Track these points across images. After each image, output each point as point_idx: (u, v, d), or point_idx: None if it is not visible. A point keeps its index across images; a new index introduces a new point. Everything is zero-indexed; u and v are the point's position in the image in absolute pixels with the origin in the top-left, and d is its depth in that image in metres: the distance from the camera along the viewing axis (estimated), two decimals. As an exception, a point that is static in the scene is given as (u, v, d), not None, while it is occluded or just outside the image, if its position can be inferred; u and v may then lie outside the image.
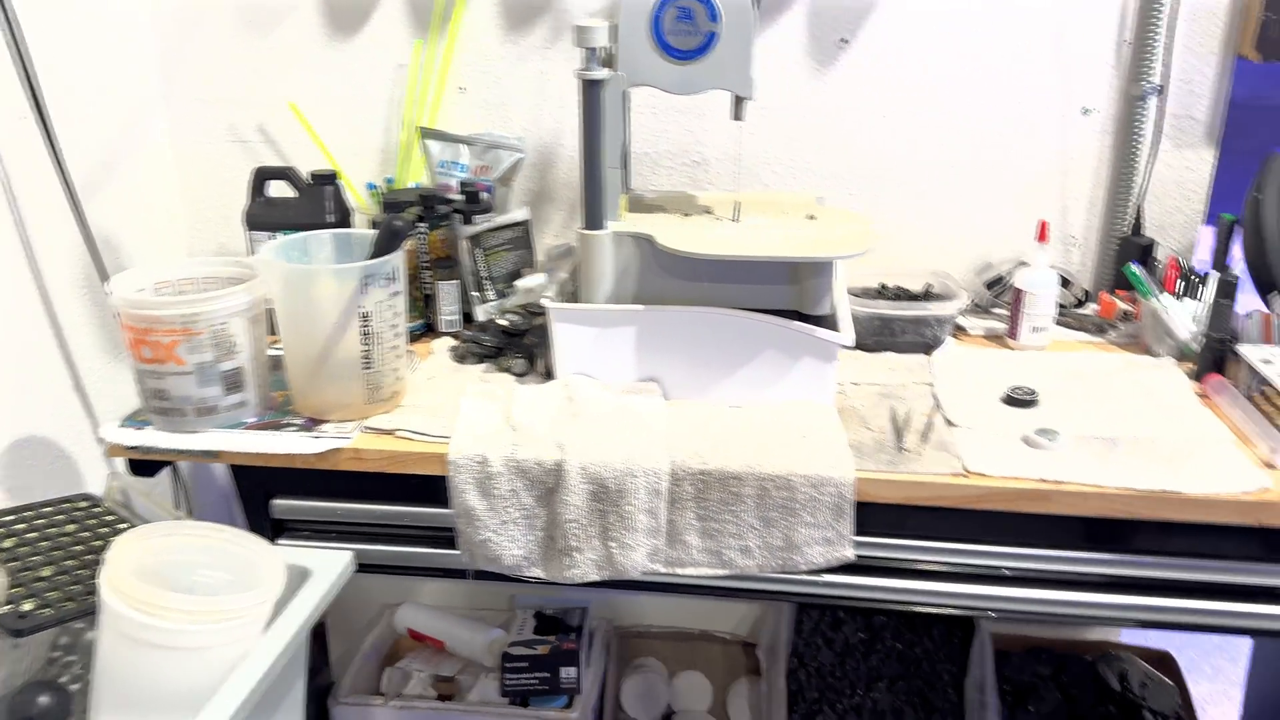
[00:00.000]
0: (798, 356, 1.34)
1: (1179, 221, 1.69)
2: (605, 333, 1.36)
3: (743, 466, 1.23)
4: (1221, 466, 1.20)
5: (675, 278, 1.37)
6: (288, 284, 1.25)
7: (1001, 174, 1.69)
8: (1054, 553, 1.26)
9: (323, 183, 1.57)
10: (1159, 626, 1.29)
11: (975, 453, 1.23)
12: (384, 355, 1.29)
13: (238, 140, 1.82)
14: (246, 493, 1.36)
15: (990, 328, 1.61)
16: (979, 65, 1.64)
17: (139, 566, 0.95)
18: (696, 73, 1.32)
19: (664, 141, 1.75)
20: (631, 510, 1.23)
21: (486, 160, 1.71)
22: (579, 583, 1.26)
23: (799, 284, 1.36)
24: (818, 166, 1.73)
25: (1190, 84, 1.62)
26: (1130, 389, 1.39)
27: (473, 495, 1.25)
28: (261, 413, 1.34)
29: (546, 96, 1.74)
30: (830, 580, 1.30)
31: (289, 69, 1.76)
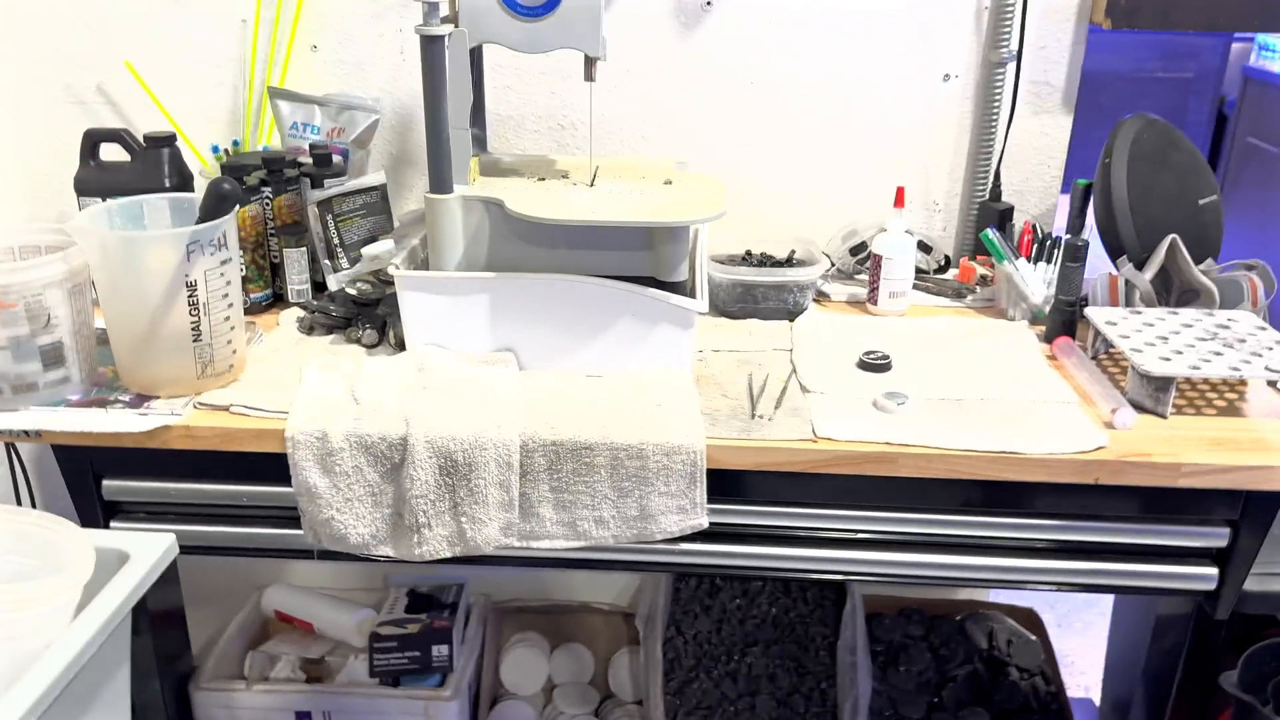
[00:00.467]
0: (654, 323, 1.31)
1: (1037, 187, 1.72)
2: (457, 301, 1.32)
3: (595, 436, 1.20)
4: (1063, 426, 1.22)
5: (529, 244, 1.34)
6: (107, 252, 1.17)
7: (866, 140, 1.70)
8: (915, 515, 1.27)
9: (159, 145, 1.48)
10: (1016, 586, 1.31)
11: (825, 417, 1.23)
12: (216, 327, 1.23)
13: (76, 101, 1.71)
14: (71, 474, 1.28)
15: (853, 293, 1.61)
16: (843, 30, 1.63)
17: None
18: (544, 30, 1.27)
19: (528, 104, 1.70)
20: (482, 484, 1.20)
21: (341, 122, 1.64)
22: (430, 560, 1.23)
23: (655, 250, 1.34)
24: (684, 131, 1.71)
25: (1046, 50, 1.64)
26: (982, 352, 1.41)
27: (314, 473, 1.20)
28: (88, 389, 1.26)
29: (406, 55, 1.67)
30: (692, 548, 1.29)
31: (128, 24, 1.65)
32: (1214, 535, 1.25)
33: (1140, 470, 1.17)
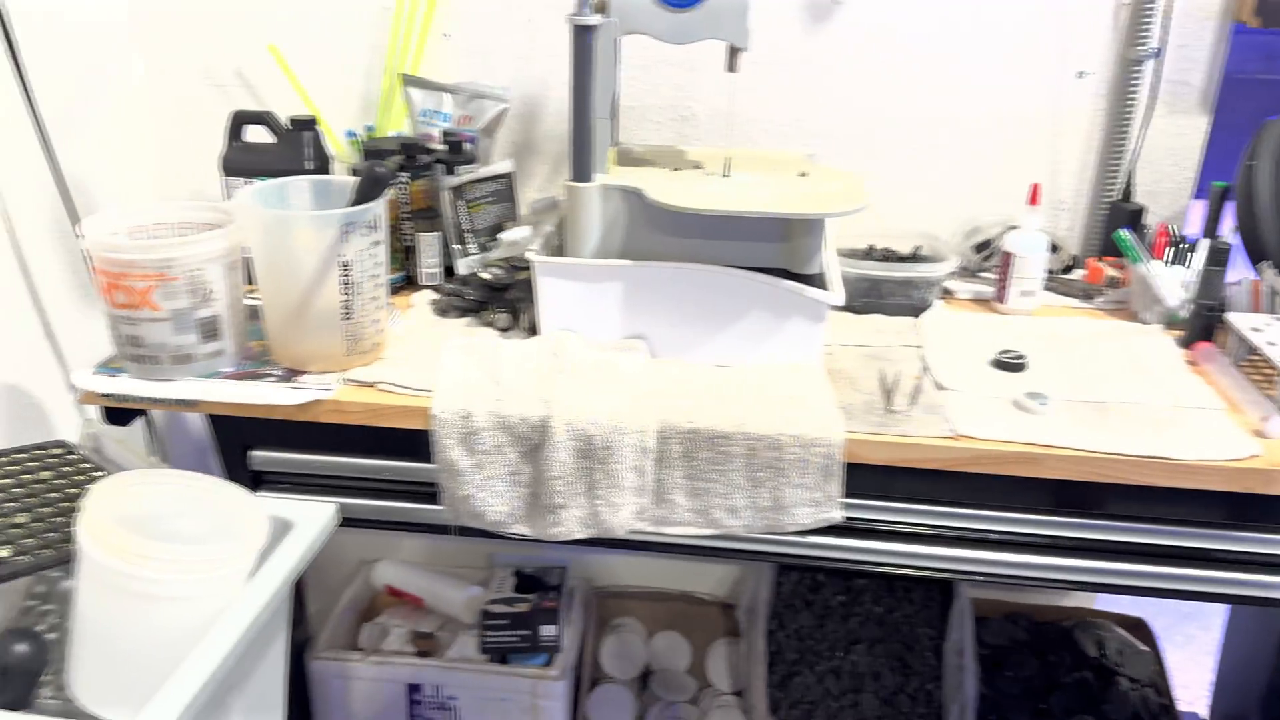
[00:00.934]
0: (786, 316, 1.32)
1: (1169, 188, 1.68)
2: (591, 288, 1.34)
3: (731, 426, 1.21)
4: (1211, 433, 1.20)
5: (663, 233, 1.35)
6: (266, 230, 1.21)
7: (993, 136, 1.68)
8: (1037, 517, 1.26)
9: (302, 128, 1.52)
10: (1139, 593, 1.29)
11: (965, 415, 1.22)
12: (364, 306, 1.26)
13: (213, 84, 1.76)
14: (224, 443, 1.33)
15: (978, 291, 1.60)
16: (976, 25, 1.61)
17: (118, 514, 0.92)
18: (692, 21, 1.28)
19: (652, 95, 1.71)
20: (618, 468, 1.22)
21: (470, 110, 1.67)
22: (564, 540, 1.25)
23: (789, 242, 1.34)
24: (809, 124, 1.70)
25: (1187, 49, 1.61)
26: (1119, 355, 1.39)
27: (456, 450, 1.23)
28: (239, 362, 1.30)
29: (535, 45, 1.70)
30: (815, 541, 1.29)
31: (267, 10, 1.70)
32: (1366, 550, 1.21)
33: (1295, 480, 1.14)
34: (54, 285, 1.56)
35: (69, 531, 1.00)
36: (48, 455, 1.12)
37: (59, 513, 1.03)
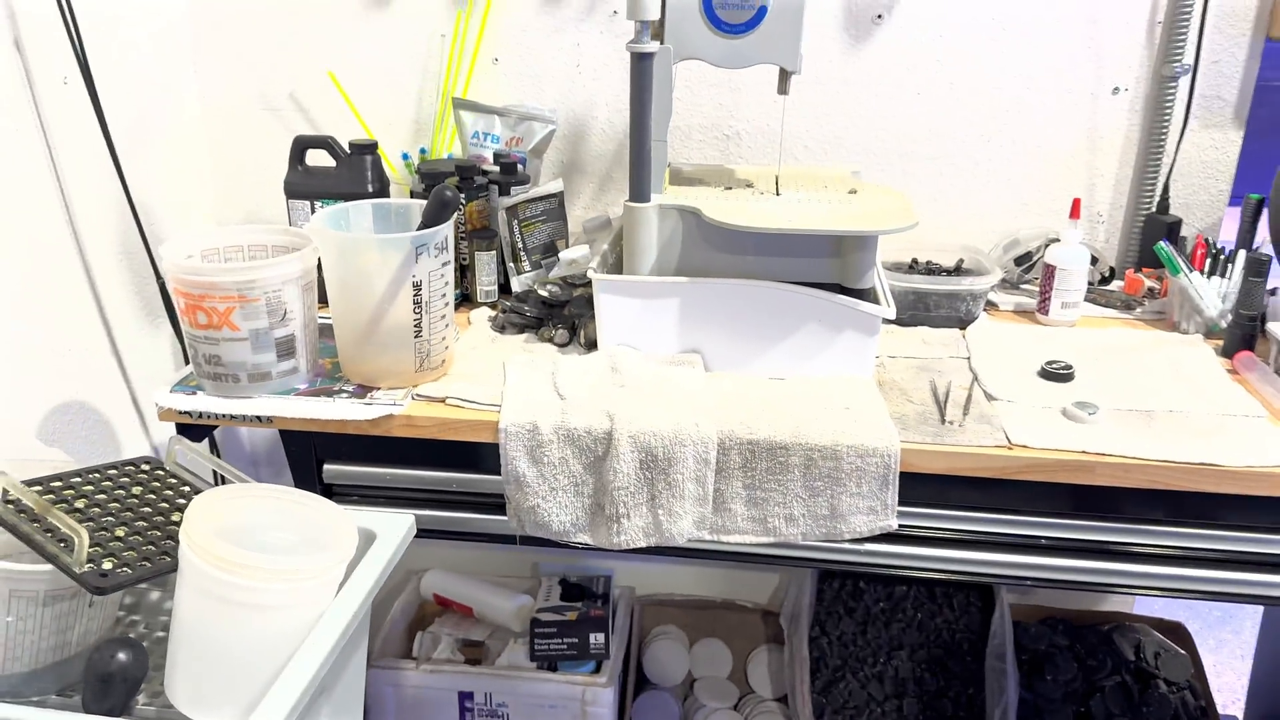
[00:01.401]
0: (840, 329, 1.36)
1: (1204, 200, 1.72)
2: (649, 304, 1.38)
3: (790, 436, 1.25)
4: (1257, 440, 1.23)
5: (718, 250, 1.39)
6: (341, 253, 1.26)
7: (1031, 151, 1.72)
8: (1076, 522, 1.29)
9: (363, 152, 1.57)
10: (1176, 595, 1.32)
11: (1017, 425, 1.26)
12: (434, 324, 1.31)
13: (269, 108, 1.82)
14: (296, 458, 1.37)
15: (1020, 303, 1.63)
16: (1013, 43, 1.66)
17: (215, 526, 0.97)
18: (745, 46, 1.33)
19: (697, 115, 1.76)
20: (680, 478, 1.26)
21: (519, 132, 1.72)
22: (627, 549, 1.29)
23: (841, 258, 1.38)
24: (850, 141, 1.75)
25: (1220, 65, 1.64)
26: (1162, 364, 1.43)
27: (523, 462, 1.27)
28: (312, 379, 1.35)
29: (580, 69, 1.75)
30: (865, 549, 1.33)
31: (322, 37, 1.76)
32: None
33: (1341, 486, 1.17)
34: (121, 305, 1.61)
35: (164, 544, 1.05)
36: (137, 471, 1.17)
37: (152, 526, 1.08)
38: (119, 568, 0.99)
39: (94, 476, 1.12)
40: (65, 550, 0.97)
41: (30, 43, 1.38)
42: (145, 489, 1.14)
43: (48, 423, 1.46)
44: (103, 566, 0.97)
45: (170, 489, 1.16)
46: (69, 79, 1.45)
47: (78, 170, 1.48)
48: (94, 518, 1.05)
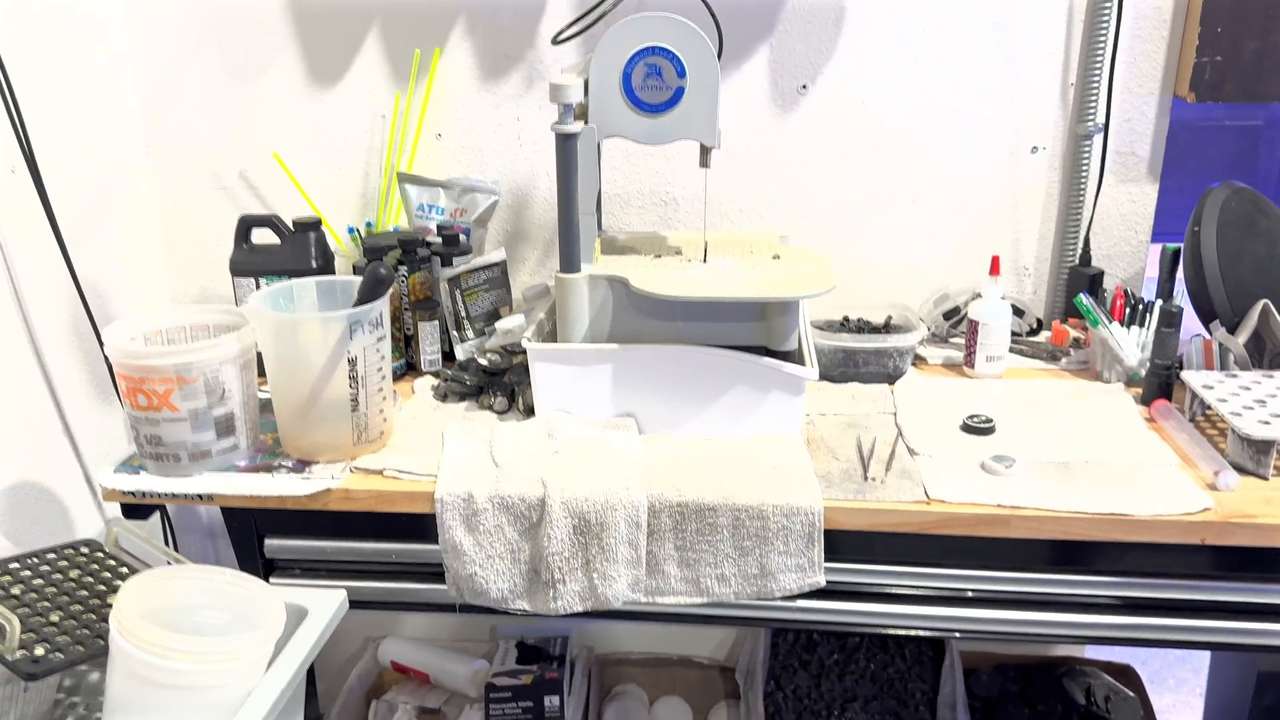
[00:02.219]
0: (767, 390, 1.40)
1: (1125, 251, 1.78)
2: (583, 371, 1.42)
3: (718, 498, 1.29)
4: (1168, 488, 1.27)
5: (649, 317, 1.44)
6: (277, 332, 1.30)
7: (957, 209, 1.78)
8: (1016, 574, 1.33)
9: (306, 230, 1.62)
10: (1118, 643, 1.36)
11: (936, 480, 1.30)
12: (371, 398, 1.35)
13: (220, 187, 1.87)
14: (238, 534, 1.40)
15: (949, 357, 1.68)
16: (934, 107, 1.73)
17: (146, 609, 0.99)
18: (666, 124, 1.39)
19: (635, 182, 1.82)
20: (613, 542, 1.29)
21: (463, 203, 1.77)
22: (564, 614, 1.31)
23: (766, 321, 1.43)
24: (782, 204, 1.81)
25: (1131, 122, 1.72)
26: (1082, 415, 1.47)
27: (459, 531, 1.30)
28: (253, 455, 1.38)
29: (521, 141, 1.80)
30: (804, 605, 1.36)
31: (271, 117, 1.81)
32: (1321, 593, 1.28)
33: (1245, 531, 1.21)
34: (72, 387, 1.64)
35: (99, 627, 1.07)
36: (76, 554, 1.19)
37: (88, 610, 1.10)
38: (51, 653, 1.01)
39: (32, 561, 1.15)
40: (-2, 637, 0.99)
41: (-23, 136, 1.43)
42: (84, 572, 1.16)
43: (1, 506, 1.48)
44: (35, 652, 0.99)
45: (109, 571, 1.18)
46: (16, 169, 1.49)
47: (26, 255, 1.52)
48: (29, 603, 1.07)
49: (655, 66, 1.35)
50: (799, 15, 1.70)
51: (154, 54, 1.78)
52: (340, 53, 1.76)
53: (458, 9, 1.73)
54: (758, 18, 1.70)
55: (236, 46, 1.77)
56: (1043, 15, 1.67)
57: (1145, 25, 1.66)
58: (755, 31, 1.71)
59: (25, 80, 1.50)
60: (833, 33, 1.71)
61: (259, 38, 1.76)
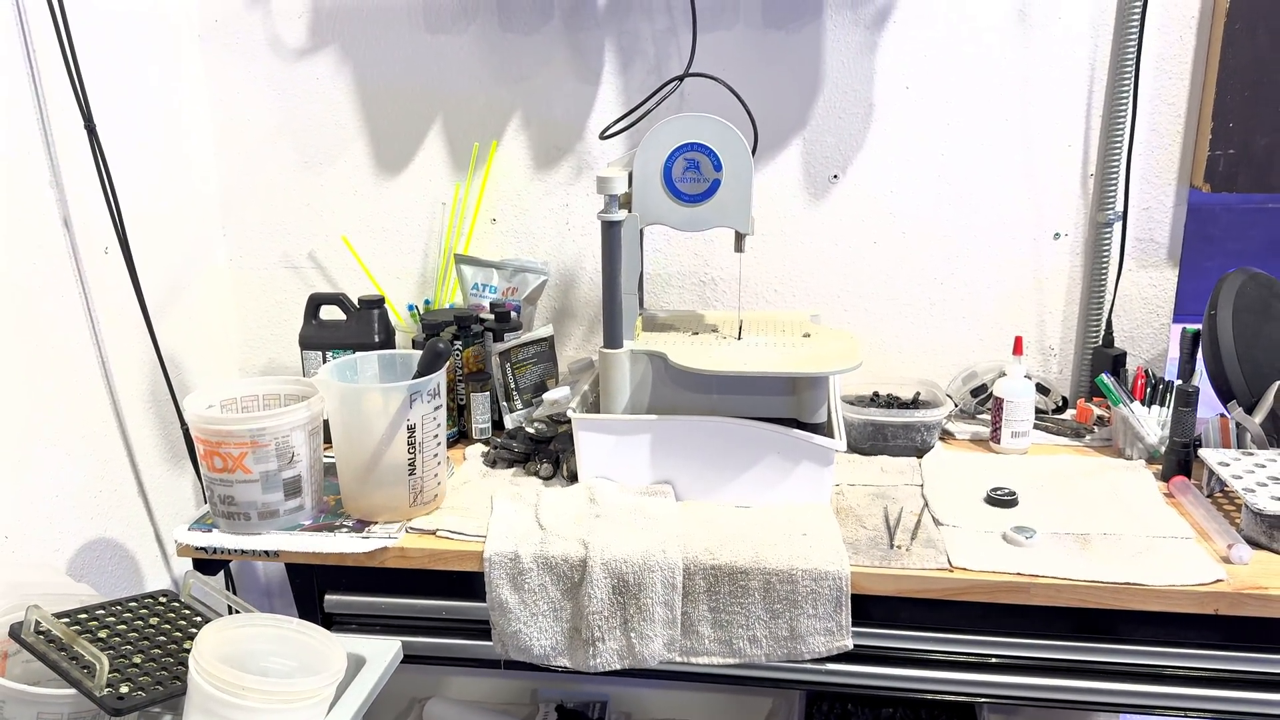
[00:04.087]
0: (797, 460, 1.48)
1: (1147, 333, 1.85)
2: (623, 440, 1.51)
3: (750, 561, 1.36)
4: (1183, 560, 1.32)
5: (686, 390, 1.53)
6: (344, 401, 1.41)
7: (983, 291, 1.86)
8: (1038, 641, 1.38)
9: (371, 307, 1.74)
10: (1138, 710, 1.39)
11: (959, 549, 1.36)
12: (427, 462, 1.45)
13: (289, 266, 2.01)
14: (300, 589, 1.49)
15: (976, 432, 1.75)
16: (960, 196, 1.83)
17: (221, 653, 1.09)
18: (703, 213, 1.50)
19: (675, 264, 1.93)
20: (649, 602, 1.36)
21: (514, 282, 1.89)
22: (602, 671, 1.39)
23: (797, 395, 1.52)
24: (814, 286, 1.90)
25: (1150, 210, 1.80)
26: (1102, 489, 1.53)
27: (506, 589, 1.39)
28: (316, 515, 1.48)
29: (570, 226, 1.93)
30: (833, 668, 1.41)
31: (340, 203, 1.96)
32: (1335, 666, 1.32)
33: (1257, 602, 1.26)
34: (149, 450, 1.77)
35: (177, 669, 1.17)
36: (155, 603, 1.29)
37: (167, 654, 1.20)
38: (134, 691, 1.10)
39: (116, 609, 1.25)
40: (88, 676, 1.09)
41: (77, 219, 1.58)
42: (162, 620, 1.26)
43: (78, 558, 1.59)
44: (120, 690, 1.09)
45: (184, 619, 1.28)
46: (109, 249, 1.64)
47: (114, 328, 1.66)
48: (114, 646, 1.17)
49: (694, 161, 1.47)
50: (830, 110, 1.82)
51: (234, 145, 1.95)
52: (404, 145, 1.92)
53: (514, 105, 1.87)
54: (792, 113, 1.82)
55: (310, 139, 1.93)
56: (1062, 108, 1.77)
57: (1161, 120, 1.76)
58: (789, 126, 1.83)
59: (120, 169, 1.66)
60: (862, 127, 1.82)
61: (330, 130, 1.92)
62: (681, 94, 1.82)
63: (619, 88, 1.84)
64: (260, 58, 1.91)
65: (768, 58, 1.80)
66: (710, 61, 1.77)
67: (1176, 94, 1.74)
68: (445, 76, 1.87)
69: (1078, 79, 1.75)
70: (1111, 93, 1.74)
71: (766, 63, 1.80)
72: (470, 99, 1.88)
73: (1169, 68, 1.73)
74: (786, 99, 1.82)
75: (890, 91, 1.80)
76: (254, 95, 1.92)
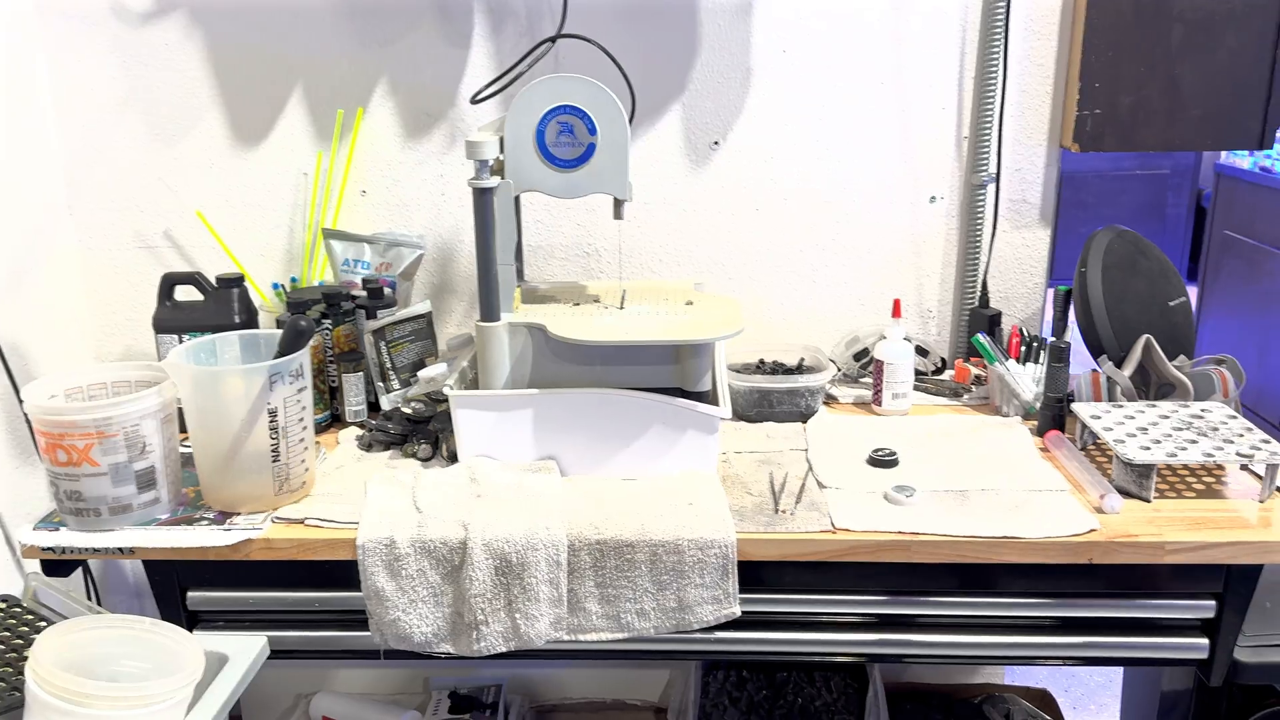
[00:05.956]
0: (682, 430, 1.46)
1: (1021, 293, 1.89)
2: (504, 416, 1.46)
3: (635, 534, 1.33)
4: (1058, 512, 1.35)
5: (568, 362, 1.49)
6: (197, 385, 1.32)
7: (863, 256, 1.87)
8: (923, 598, 1.39)
9: (229, 286, 1.64)
10: (1022, 662, 1.43)
11: (842, 510, 1.36)
12: (292, 448, 1.37)
13: (144, 246, 1.89)
14: (160, 587, 1.40)
15: (859, 395, 1.76)
16: (839, 161, 1.82)
17: (63, 659, 1.00)
18: (579, 179, 1.45)
19: (558, 235, 1.88)
20: (534, 581, 1.32)
21: (388, 257, 1.81)
22: (487, 655, 1.34)
23: (681, 364, 1.49)
24: (698, 254, 1.88)
25: (1022, 172, 1.83)
26: (981, 446, 1.55)
27: (381, 577, 1.33)
28: (174, 508, 1.39)
29: (446, 197, 1.86)
30: (722, 636, 1.40)
31: (195, 177, 1.84)
32: (1201, 607, 1.36)
33: (1129, 550, 1.29)
34: (-8, 445, 1.63)
35: (15, 680, 1.07)
36: (-8, 609, 1.20)
37: (5, 664, 1.10)
38: (-34, 707, 1.01)
39: (-54, 618, 1.15)
40: (-90, 693, 0.99)
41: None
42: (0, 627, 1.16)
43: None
44: (-53, 706, 1.00)
45: (26, 625, 1.18)
46: (-64, 230, 1.51)
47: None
48: (-58, 659, 1.07)
49: (567, 124, 1.42)
50: (708, 75, 1.79)
51: (77, 118, 1.81)
52: (263, 115, 1.81)
53: (380, 70, 1.79)
54: (670, 78, 1.79)
55: (160, 109, 1.81)
56: (936, 71, 1.78)
57: (1030, 81, 1.78)
58: (668, 91, 1.80)
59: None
60: (741, 91, 1.80)
61: (182, 100, 1.80)
62: (557, 58, 1.76)
63: (490, 51, 1.78)
64: (102, 23, 1.77)
65: (644, 21, 1.76)
66: (584, 25, 1.71)
67: (1045, 55, 1.77)
68: (305, 41, 1.78)
69: (950, 42, 1.77)
70: (983, 55, 1.76)
71: (643, 27, 1.76)
72: (333, 64, 1.79)
73: (1037, 28, 1.76)
74: (664, 63, 1.78)
75: (767, 55, 1.78)
76: (97, 64, 1.79)
